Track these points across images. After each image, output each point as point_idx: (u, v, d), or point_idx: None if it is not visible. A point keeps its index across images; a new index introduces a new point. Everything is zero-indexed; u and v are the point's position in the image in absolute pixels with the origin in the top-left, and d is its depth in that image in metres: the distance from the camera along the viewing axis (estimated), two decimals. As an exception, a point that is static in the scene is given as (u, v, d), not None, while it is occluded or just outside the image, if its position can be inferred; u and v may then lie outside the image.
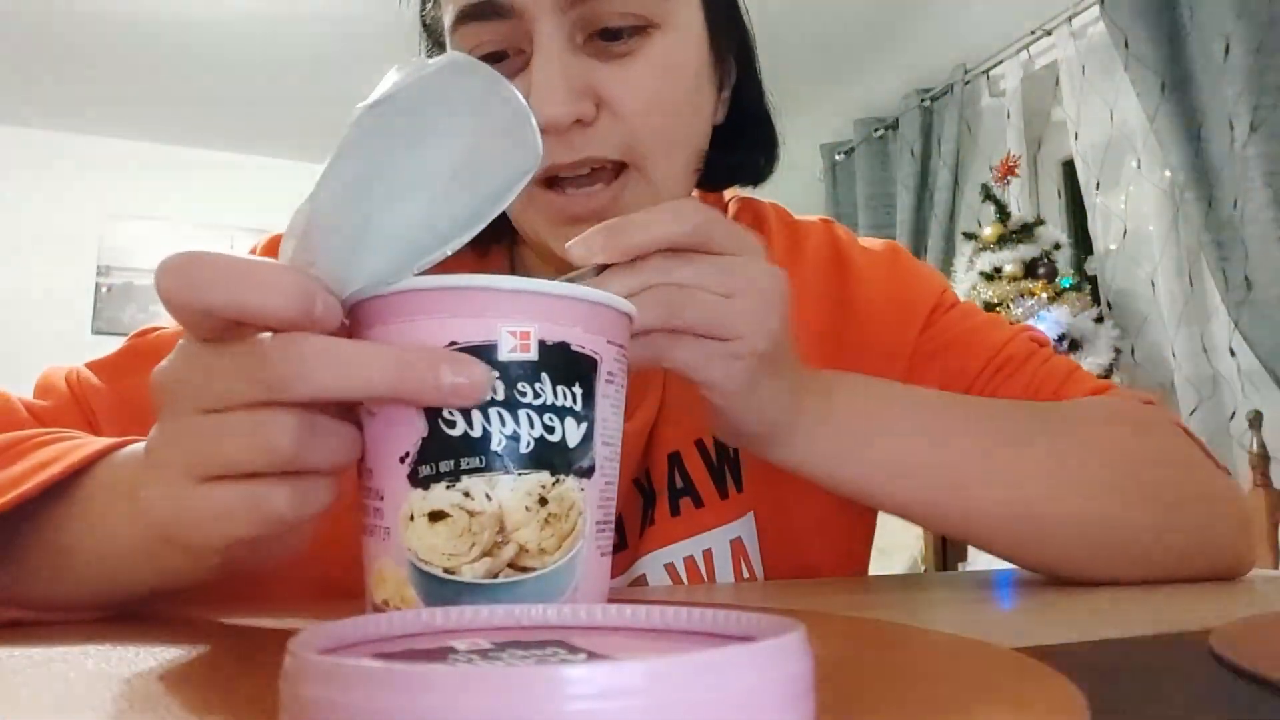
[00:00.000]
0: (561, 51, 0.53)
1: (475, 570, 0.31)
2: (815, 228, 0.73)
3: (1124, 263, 2.54)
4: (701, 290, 0.43)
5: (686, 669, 0.16)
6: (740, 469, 0.64)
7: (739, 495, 0.63)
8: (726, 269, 0.44)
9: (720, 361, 0.44)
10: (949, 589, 0.59)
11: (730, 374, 0.45)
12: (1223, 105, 2.18)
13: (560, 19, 0.53)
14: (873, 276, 0.70)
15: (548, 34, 0.53)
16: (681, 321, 0.43)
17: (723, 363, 0.44)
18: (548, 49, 0.53)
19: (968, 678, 0.27)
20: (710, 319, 0.43)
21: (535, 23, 0.53)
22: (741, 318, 0.44)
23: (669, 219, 0.42)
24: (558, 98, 0.52)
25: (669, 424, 0.64)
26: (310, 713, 0.17)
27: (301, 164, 4.20)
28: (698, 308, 0.43)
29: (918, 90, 3.32)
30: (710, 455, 0.64)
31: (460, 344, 0.31)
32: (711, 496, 0.63)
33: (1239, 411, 2.19)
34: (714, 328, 0.43)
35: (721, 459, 0.64)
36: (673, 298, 0.43)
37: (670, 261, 0.43)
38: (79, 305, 3.94)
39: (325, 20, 3.01)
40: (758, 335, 0.44)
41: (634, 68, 0.55)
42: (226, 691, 0.27)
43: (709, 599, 0.51)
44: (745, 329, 0.44)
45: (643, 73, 0.55)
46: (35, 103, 3.66)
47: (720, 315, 0.43)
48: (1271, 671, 0.27)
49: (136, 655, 0.32)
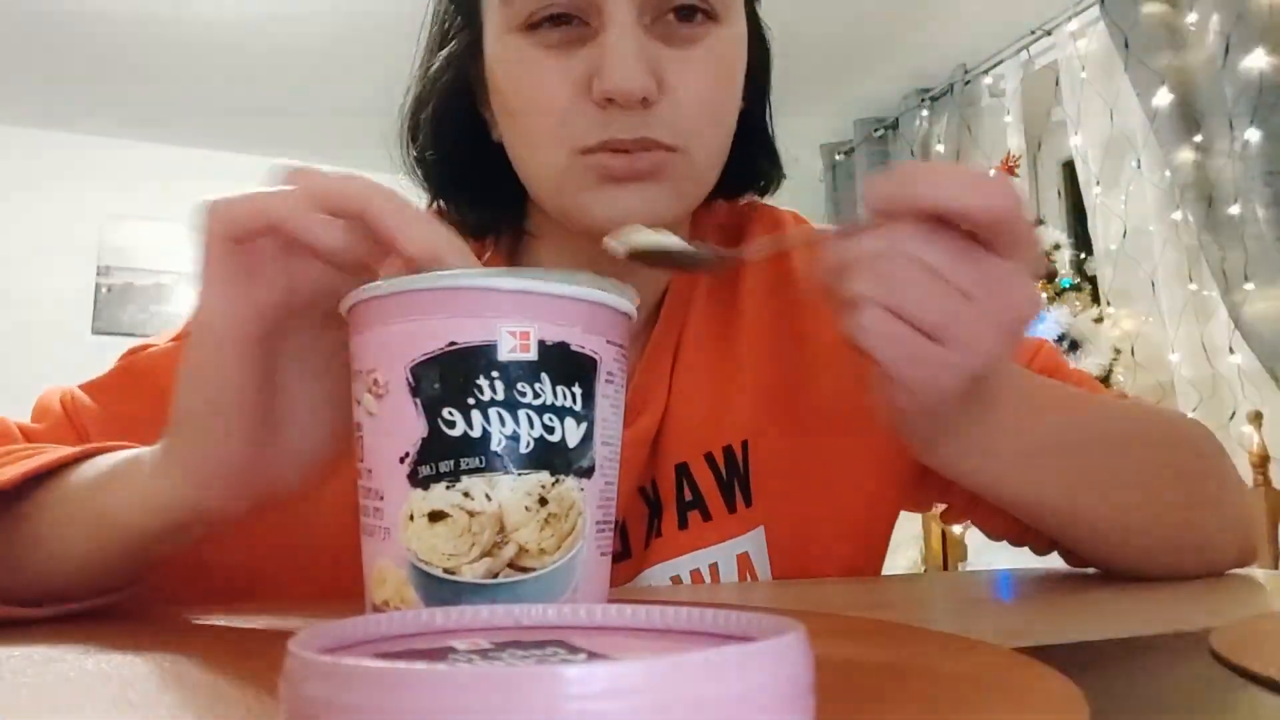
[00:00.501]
0: (634, 26, 0.53)
1: (475, 570, 0.31)
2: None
3: (1124, 263, 2.54)
4: (943, 280, 0.39)
5: (686, 669, 0.16)
6: (750, 484, 0.63)
7: (747, 510, 0.63)
8: (984, 268, 0.39)
9: (927, 367, 0.40)
10: (949, 589, 0.59)
11: (932, 382, 0.41)
12: (1223, 105, 2.18)
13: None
14: None
15: (623, 8, 0.52)
16: (902, 306, 0.39)
17: (929, 369, 0.40)
18: (622, 22, 0.52)
19: (967, 677, 0.27)
20: (937, 317, 0.39)
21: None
22: (972, 326, 0.39)
23: (972, 189, 0.38)
24: (633, 70, 0.51)
25: (676, 433, 0.63)
26: (310, 712, 0.17)
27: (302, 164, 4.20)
28: (929, 299, 0.39)
29: (918, 90, 3.32)
30: (720, 469, 0.63)
31: (460, 344, 0.31)
32: (720, 511, 0.62)
33: (1239, 411, 2.19)
34: (937, 327, 0.39)
35: (731, 473, 0.63)
36: (908, 275, 0.39)
37: (926, 235, 0.39)
38: (79, 305, 3.94)
39: (326, 20, 3.01)
40: (979, 353, 0.40)
41: (696, 56, 0.55)
42: (226, 691, 0.27)
43: (710, 599, 0.51)
44: (970, 341, 0.39)
45: (704, 62, 0.55)
46: (35, 103, 3.66)
47: (950, 316, 0.39)
48: (1271, 671, 0.27)
49: (136, 655, 0.32)
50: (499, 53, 0.56)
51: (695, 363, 0.64)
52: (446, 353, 0.31)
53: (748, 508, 0.63)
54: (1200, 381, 2.32)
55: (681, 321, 0.65)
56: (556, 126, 0.54)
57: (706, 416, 0.63)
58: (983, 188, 0.38)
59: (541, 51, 0.54)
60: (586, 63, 0.53)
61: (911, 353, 0.40)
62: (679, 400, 0.63)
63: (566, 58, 0.54)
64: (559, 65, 0.54)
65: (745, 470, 0.63)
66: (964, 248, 0.39)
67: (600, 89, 0.52)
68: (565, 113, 0.53)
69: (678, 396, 0.63)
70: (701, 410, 0.63)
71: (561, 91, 0.53)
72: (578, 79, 0.53)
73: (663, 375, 0.63)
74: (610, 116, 0.53)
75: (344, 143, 4.00)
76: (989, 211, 0.38)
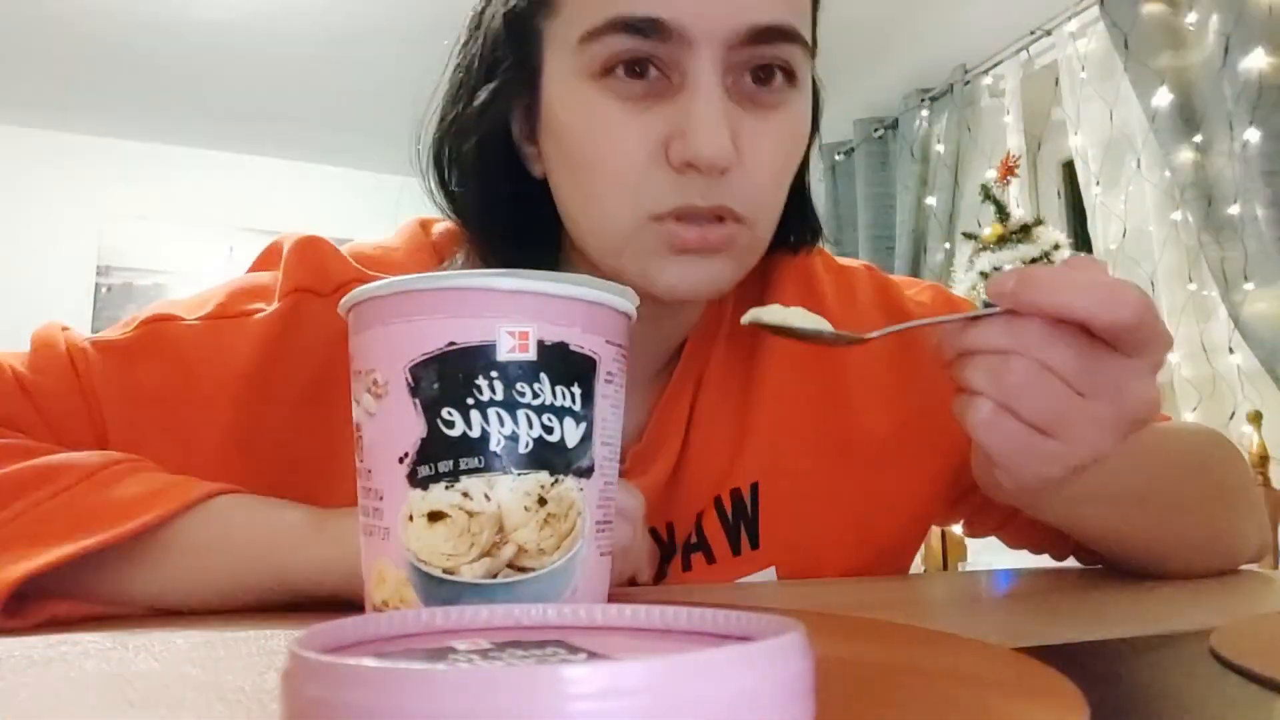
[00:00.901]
0: (720, 91, 0.51)
1: (475, 570, 0.31)
2: (860, 274, 0.70)
3: (1124, 263, 2.54)
4: (1059, 380, 0.40)
5: (686, 669, 0.16)
6: (758, 526, 0.63)
7: (753, 552, 0.62)
8: (1103, 368, 0.40)
9: (1034, 459, 0.41)
10: (949, 589, 0.59)
11: (1036, 472, 0.42)
12: (1223, 105, 2.18)
13: (724, 55, 0.51)
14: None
15: (708, 70, 0.50)
16: (1019, 406, 0.40)
17: (1036, 461, 0.42)
18: (709, 86, 0.50)
19: (968, 677, 0.27)
20: (1048, 416, 0.40)
21: (696, 52, 0.50)
22: (1083, 424, 0.40)
23: (1100, 301, 0.39)
24: (722, 139, 0.49)
25: (692, 477, 0.62)
26: (310, 712, 0.17)
27: (302, 164, 4.20)
28: (1043, 398, 0.40)
29: (918, 90, 3.32)
30: (727, 513, 0.63)
31: (459, 344, 0.31)
32: (724, 553, 0.62)
33: (1239, 411, 2.18)
34: (1049, 425, 0.40)
35: (739, 517, 0.63)
36: (1026, 375, 0.40)
37: (1047, 336, 0.40)
38: (79, 305, 3.94)
39: (325, 20, 3.01)
40: (1088, 448, 0.41)
41: (772, 124, 0.53)
42: (227, 691, 0.27)
43: (710, 599, 0.51)
44: (1080, 438, 0.41)
45: (779, 132, 0.54)
46: (35, 103, 3.66)
47: (1061, 414, 0.40)
48: (1271, 671, 0.27)
49: (136, 655, 0.32)
50: (568, 100, 0.53)
51: (713, 407, 0.63)
52: (446, 353, 0.31)
53: (754, 549, 0.62)
54: (1200, 381, 2.32)
55: (702, 366, 0.64)
56: (628, 188, 0.52)
57: (720, 461, 0.63)
58: (1111, 299, 0.39)
59: (617, 104, 0.51)
60: (666, 123, 0.51)
61: (1020, 446, 0.41)
62: (696, 444, 0.62)
63: (644, 114, 0.51)
64: (636, 123, 0.51)
65: (754, 513, 0.63)
66: (1084, 349, 0.40)
67: (684, 156, 0.50)
68: (640, 175, 0.51)
69: (695, 440, 0.62)
70: (716, 455, 0.63)
71: (637, 152, 0.51)
72: (655, 140, 0.51)
73: (680, 420, 0.62)
74: (687, 182, 0.51)
75: (344, 143, 4.01)
76: (1117, 324, 0.39)
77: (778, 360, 0.64)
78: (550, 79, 0.54)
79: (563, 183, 0.56)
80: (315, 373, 0.57)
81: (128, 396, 0.55)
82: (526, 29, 0.56)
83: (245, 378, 0.56)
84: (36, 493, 0.46)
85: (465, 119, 0.58)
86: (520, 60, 0.56)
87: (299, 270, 0.59)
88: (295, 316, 0.57)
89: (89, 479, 0.47)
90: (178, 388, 0.55)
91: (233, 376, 0.56)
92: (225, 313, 0.58)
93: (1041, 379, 0.40)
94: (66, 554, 0.42)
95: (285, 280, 0.58)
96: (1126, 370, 0.40)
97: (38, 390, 0.54)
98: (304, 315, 0.57)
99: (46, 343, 0.56)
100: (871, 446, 0.64)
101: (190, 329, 0.57)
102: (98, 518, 0.45)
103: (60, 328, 0.58)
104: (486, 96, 0.57)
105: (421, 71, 0.62)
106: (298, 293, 0.58)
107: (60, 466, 0.47)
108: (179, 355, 0.56)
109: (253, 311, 0.58)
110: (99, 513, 0.45)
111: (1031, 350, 0.40)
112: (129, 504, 0.45)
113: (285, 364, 0.56)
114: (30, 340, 0.57)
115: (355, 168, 4.21)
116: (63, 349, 0.56)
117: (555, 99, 0.54)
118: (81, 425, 0.54)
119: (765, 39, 0.51)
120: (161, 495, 0.46)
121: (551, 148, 0.55)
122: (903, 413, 0.65)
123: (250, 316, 0.57)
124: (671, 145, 0.51)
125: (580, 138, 0.53)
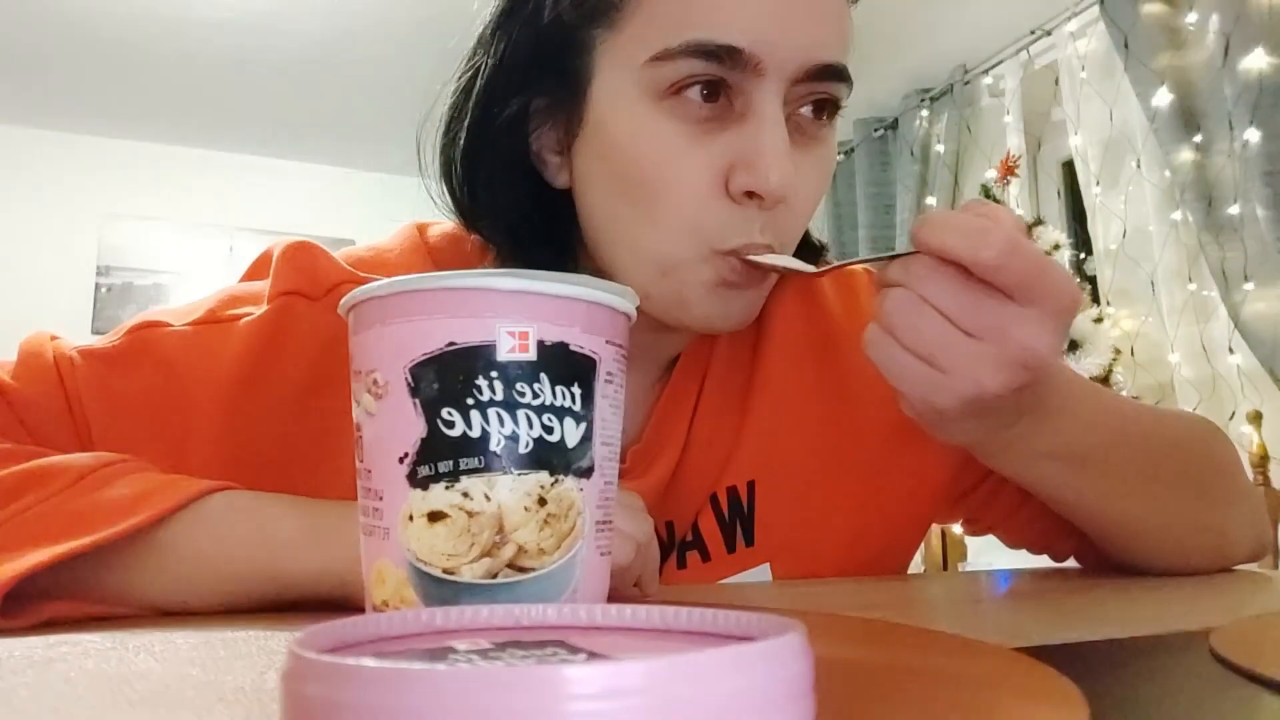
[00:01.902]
0: (781, 119, 0.51)
1: (474, 570, 0.31)
2: (860, 275, 0.70)
3: (1124, 263, 2.54)
4: (938, 314, 0.42)
5: (686, 669, 0.16)
6: (753, 523, 0.63)
7: (748, 549, 0.62)
8: (985, 309, 0.42)
9: (920, 387, 0.44)
10: (949, 589, 0.59)
11: (926, 400, 0.44)
12: (1223, 105, 2.18)
13: (787, 88, 0.51)
14: None
15: (774, 100, 0.51)
16: (901, 334, 0.43)
17: (922, 389, 0.44)
18: (775, 116, 0.51)
19: (968, 677, 0.27)
20: (927, 348, 0.43)
21: (764, 83, 0.50)
22: (966, 359, 0.42)
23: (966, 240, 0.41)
24: (789, 169, 0.50)
25: (694, 479, 0.62)
26: (310, 712, 0.17)
27: (301, 164, 4.20)
28: (924, 331, 0.43)
29: (918, 90, 3.32)
30: (723, 511, 0.63)
31: (459, 344, 0.31)
32: (719, 551, 0.62)
33: (1239, 411, 2.19)
34: (931, 357, 0.43)
35: (735, 515, 0.63)
36: (909, 308, 0.43)
37: (933, 274, 0.42)
38: (79, 305, 3.94)
39: (325, 20, 3.01)
40: (973, 382, 0.43)
41: (816, 157, 0.54)
42: (226, 691, 0.27)
43: (710, 599, 0.51)
44: (964, 371, 0.43)
45: (820, 165, 0.55)
46: (35, 103, 3.66)
47: (942, 348, 0.43)
48: (1271, 671, 0.27)
49: (136, 655, 0.32)
50: (626, 119, 0.52)
51: (715, 406, 0.63)
52: (445, 353, 0.31)
53: (748, 547, 0.63)
54: (1200, 381, 2.32)
55: (704, 366, 0.64)
56: (688, 218, 0.52)
57: (718, 460, 0.63)
58: (979, 240, 0.41)
59: (681, 127, 0.51)
60: (730, 152, 0.51)
61: (904, 372, 0.44)
62: (698, 444, 0.62)
63: (706, 140, 0.51)
64: (699, 149, 0.51)
65: (750, 511, 0.63)
66: (965, 288, 0.42)
67: (750, 185, 0.50)
68: (700, 205, 0.51)
69: (696, 440, 0.62)
70: (715, 455, 0.63)
71: (699, 181, 0.51)
72: (718, 169, 0.51)
73: (683, 420, 0.62)
74: (746, 215, 0.51)
75: (344, 143, 4.01)
76: (980, 263, 0.41)
77: (779, 358, 0.64)
78: (603, 94, 0.53)
79: (604, 201, 0.55)
80: (306, 376, 0.56)
81: (114, 404, 0.55)
82: (575, 40, 0.54)
83: (232, 381, 0.55)
84: (29, 496, 0.45)
85: (487, 126, 0.56)
86: (563, 71, 0.54)
87: (289, 274, 0.58)
88: (284, 319, 0.57)
89: (81, 481, 0.46)
90: (164, 393, 0.55)
91: (219, 379, 0.55)
92: (213, 318, 0.58)
93: (918, 310, 0.43)
94: (56, 554, 0.42)
95: (275, 284, 0.58)
96: (1012, 315, 0.42)
97: (20, 399, 0.54)
98: (293, 318, 0.57)
99: (33, 352, 0.56)
100: (872, 444, 0.64)
101: (177, 334, 0.57)
102: (89, 519, 0.44)
103: (49, 337, 0.57)
104: (517, 106, 0.55)
105: (422, 72, 0.62)
106: (287, 295, 0.57)
107: (52, 469, 0.47)
108: (164, 360, 0.56)
109: (241, 316, 0.57)
110: (90, 514, 0.45)
111: (912, 284, 0.43)
112: (121, 505, 0.45)
113: (273, 366, 0.56)
114: (18, 350, 0.57)
115: (355, 168, 4.21)
116: (49, 358, 0.55)
117: (608, 116, 0.53)
118: (66, 433, 0.54)
119: (826, 76, 0.52)
120: (154, 495, 0.46)
121: (594, 164, 0.54)
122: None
123: (238, 321, 0.57)
124: (734, 174, 0.51)
125: (639, 159, 0.52)
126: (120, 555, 0.45)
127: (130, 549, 0.45)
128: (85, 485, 0.46)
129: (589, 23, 0.53)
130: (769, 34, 0.50)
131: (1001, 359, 0.42)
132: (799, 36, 0.51)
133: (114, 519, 0.44)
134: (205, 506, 0.47)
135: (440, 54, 0.61)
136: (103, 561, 0.45)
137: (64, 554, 0.42)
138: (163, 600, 0.47)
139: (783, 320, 0.65)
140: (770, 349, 0.64)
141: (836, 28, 0.53)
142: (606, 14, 0.53)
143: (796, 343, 0.65)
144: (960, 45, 3.06)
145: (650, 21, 0.51)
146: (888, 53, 3.14)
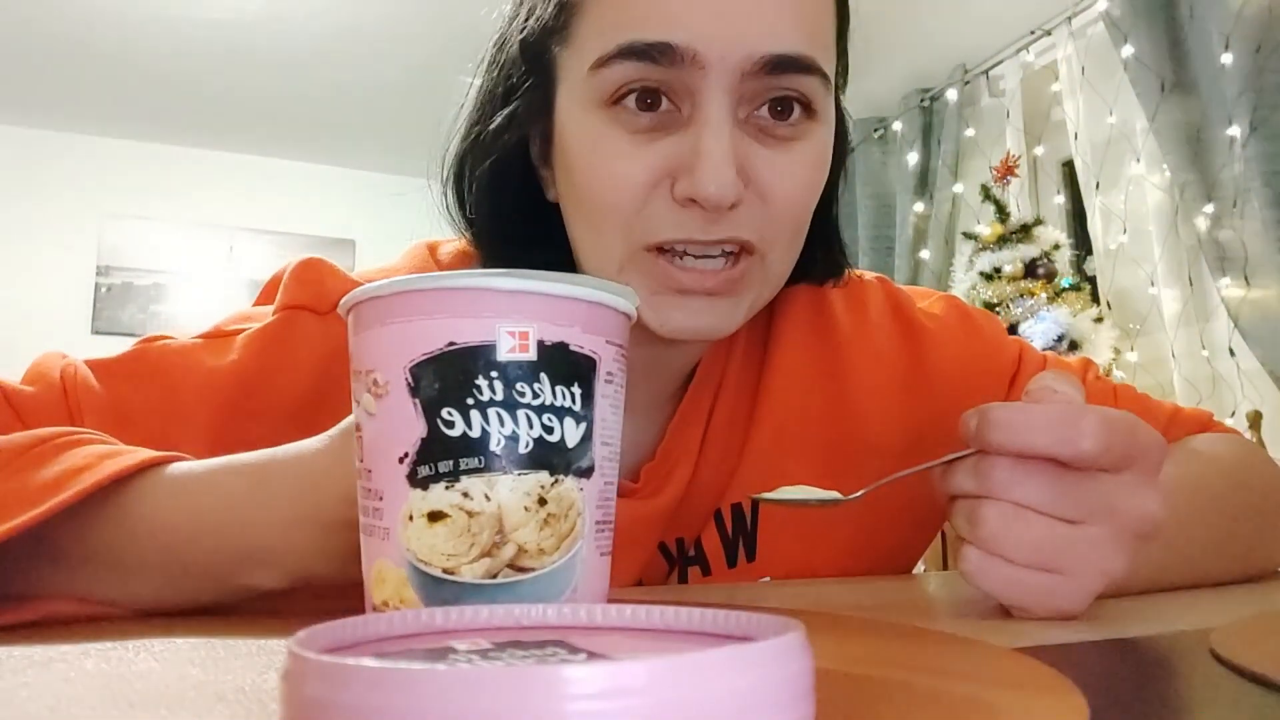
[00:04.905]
0: (730, 125, 0.49)
1: (474, 570, 0.31)
2: (872, 287, 0.69)
3: (1124, 263, 2.54)
4: (1040, 516, 0.39)
5: (686, 669, 0.16)
6: (756, 540, 0.63)
7: (749, 564, 0.62)
8: (1084, 490, 0.39)
9: (1043, 597, 0.40)
10: (949, 589, 0.59)
11: (1054, 610, 0.40)
12: (1223, 105, 2.18)
13: (737, 85, 0.49)
14: (946, 341, 0.67)
15: (719, 102, 0.49)
16: (1002, 550, 0.39)
17: (1046, 599, 0.40)
18: (719, 120, 0.49)
19: (968, 677, 0.27)
20: (1037, 554, 0.39)
21: (708, 81, 0.49)
22: (1082, 552, 0.39)
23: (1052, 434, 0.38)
24: (727, 177, 0.48)
25: (705, 495, 0.62)
26: (310, 712, 0.17)
27: (301, 164, 4.20)
28: (1027, 537, 0.39)
29: (918, 90, 3.33)
30: (726, 527, 0.63)
31: (459, 344, 0.31)
32: (720, 566, 0.62)
33: (1239, 411, 2.19)
34: (1045, 562, 0.39)
35: (738, 531, 0.63)
36: (1001, 518, 0.39)
37: (1015, 474, 0.39)
38: (79, 305, 3.94)
39: (325, 20, 3.01)
40: (1097, 573, 0.39)
41: (792, 155, 0.52)
42: (226, 691, 0.27)
43: (709, 599, 0.51)
44: (1084, 565, 0.39)
45: (798, 162, 0.52)
46: (34, 103, 3.66)
47: (1054, 548, 0.39)
48: (1271, 671, 0.27)
49: (136, 655, 0.32)
50: (576, 128, 0.53)
51: (724, 425, 0.63)
52: (445, 353, 0.31)
53: (749, 562, 0.63)
54: (1200, 381, 2.32)
55: (718, 382, 0.64)
56: (623, 217, 0.51)
57: (725, 476, 0.63)
58: (1071, 433, 0.38)
59: (624, 135, 0.51)
60: (672, 156, 0.50)
61: (1024, 590, 0.40)
62: (711, 461, 0.62)
63: (649, 146, 0.50)
64: (640, 155, 0.50)
65: (753, 527, 0.63)
66: (1058, 478, 0.39)
67: (687, 192, 0.49)
68: (637, 205, 0.51)
69: (709, 457, 0.62)
70: (723, 471, 0.63)
71: (638, 183, 0.50)
72: (658, 172, 0.50)
73: (695, 437, 0.62)
74: (688, 216, 0.50)
75: (344, 143, 4.01)
76: (1081, 457, 0.38)
77: (786, 372, 0.64)
78: (562, 106, 0.54)
79: (568, 209, 0.55)
80: (306, 389, 0.56)
81: (113, 412, 0.54)
82: (542, 55, 0.55)
83: (228, 387, 0.55)
84: None
85: (484, 141, 0.58)
86: (536, 86, 0.55)
87: (296, 288, 0.59)
88: (287, 331, 0.57)
89: (17, 459, 0.43)
90: (160, 401, 0.55)
91: (214, 386, 0.55)
92: (218, 332, 0.59)
93: (1019, 519, 0.39)
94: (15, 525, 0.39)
95: (283, 297, 0.59)
96: (1113, 488, 0.39)
97: (24, 403, 0.53)
98: (297, 331, 0.57)
99: (41, 365, 0.57)
100: (878, 461, 0.63)
101: (178, 346, 0.57)
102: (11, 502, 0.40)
103: (60, 355, 0.58)
104: (502, 121, 0.56)
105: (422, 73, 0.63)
106: (293, 309, 0.58)
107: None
108: (163, 370, 0.56)
109: (244, 330, 0.58)
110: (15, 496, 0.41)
111: (1000, 492, 0.39)
112: (47, 485, 0.41)
113: (272, 377, 0.56)
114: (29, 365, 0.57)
115: (355, 168, 4.21)
116: (56, 370, 0.56)
117: (565, 126, 0.54)
118: None
119: (781, 69, 0.50)
120: (83, 471, 0.41)
121: (561, 174, 0.55)
122: (914, 428, 0.64)
123: (240, 333, 0.58)
124: (677, 180, 0.50)
125: (584, 166, 0.52)
126: (50, 543, 0.42)
127: (62, 538, 0.42)
128: (22, 464, 0.43)
129: (549, 38, 0.54)
130: (705, 27, 0.48)
131: (1119, 538, 0.39)
132: (741, 27, 0.49)
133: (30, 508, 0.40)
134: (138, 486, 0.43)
135: (440, 54, 0.62)
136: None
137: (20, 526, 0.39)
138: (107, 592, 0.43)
139: (791, 334, 0.64)
140: (778, 363, 0.64)
141: (792, 16, 0.50)
142: (562, 28, 0.53)
143: (804, 356, 0.64)
144: (960, 45, 3.06)
145: (593, 30, 0.51)
146: (888, 53, 3.14)
